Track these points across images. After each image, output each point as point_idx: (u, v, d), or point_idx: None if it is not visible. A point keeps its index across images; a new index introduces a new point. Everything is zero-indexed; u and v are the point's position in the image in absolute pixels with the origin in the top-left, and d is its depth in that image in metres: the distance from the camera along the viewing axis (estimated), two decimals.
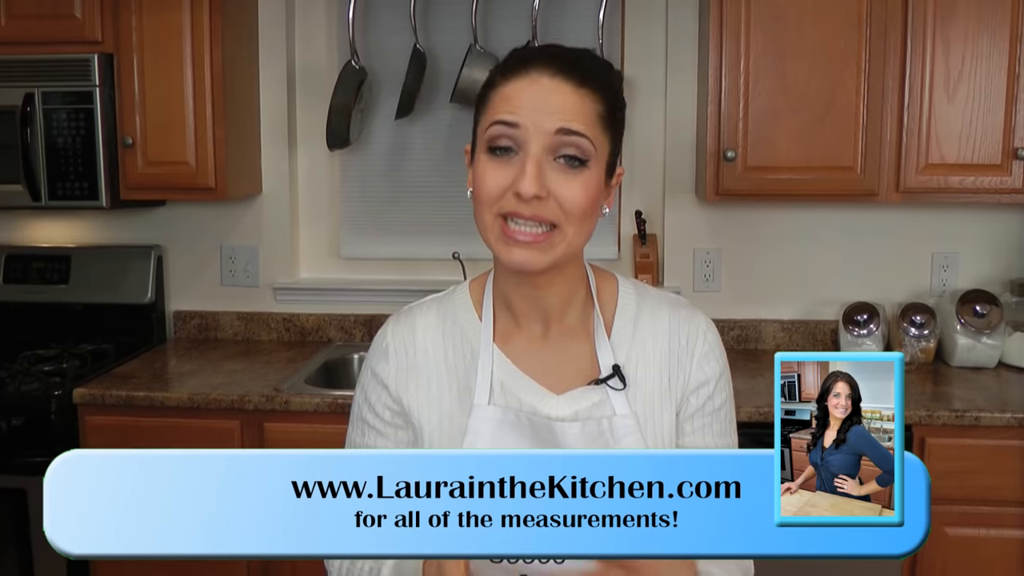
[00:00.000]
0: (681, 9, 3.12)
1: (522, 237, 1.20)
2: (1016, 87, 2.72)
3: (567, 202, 1.20)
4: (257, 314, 3.37)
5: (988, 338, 2.91)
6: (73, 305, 3.25)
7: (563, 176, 1.20)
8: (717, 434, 1.36)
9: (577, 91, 1.21)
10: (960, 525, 2.55)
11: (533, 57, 1.24)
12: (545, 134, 1.19)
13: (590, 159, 1.21)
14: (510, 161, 1.20)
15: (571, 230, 1.21)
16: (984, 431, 2.51)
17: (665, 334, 1.35)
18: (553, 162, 1.20)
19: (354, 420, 1.43)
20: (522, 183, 1.17)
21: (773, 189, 2.83)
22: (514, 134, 1.19)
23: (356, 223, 3.37)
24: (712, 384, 1.35)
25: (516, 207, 1.19)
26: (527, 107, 1.19)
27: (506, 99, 1.21)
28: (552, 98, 1.20)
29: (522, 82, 1.21)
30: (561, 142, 1.19)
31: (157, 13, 2.86)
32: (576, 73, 1.22)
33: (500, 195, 1.20)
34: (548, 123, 1.19)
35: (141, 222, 3.35)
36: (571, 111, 1.20)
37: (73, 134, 2.86)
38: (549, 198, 1.19)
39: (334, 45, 3.28)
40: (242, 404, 2.65)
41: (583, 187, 1.21)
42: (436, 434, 1.33)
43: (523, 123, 1.19)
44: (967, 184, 2.77)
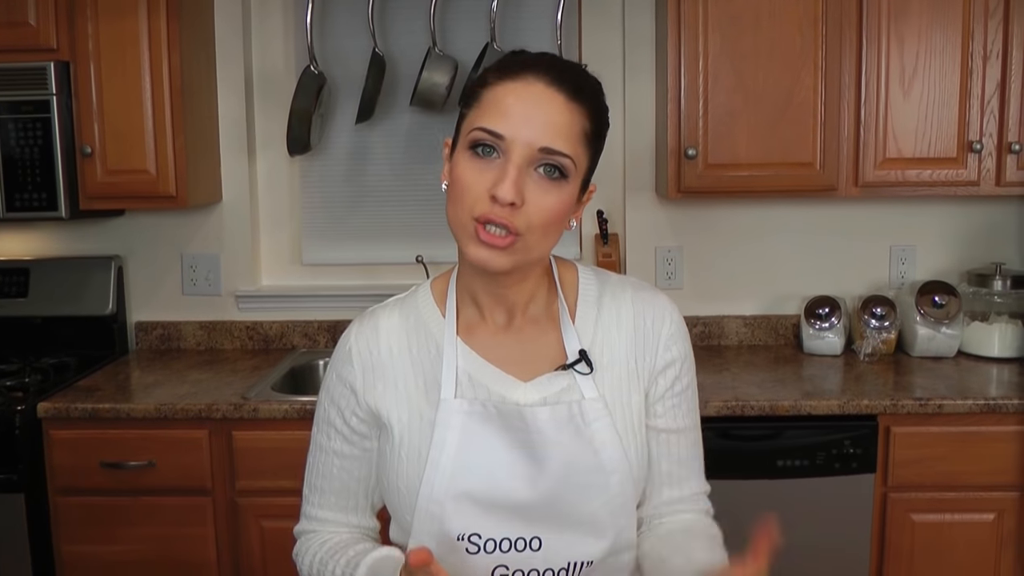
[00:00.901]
0: (638, 10, 3.15)
1: (487, 239, 1.21)
2: (969, 82, 2.78)
3: (538, 213, 1.22)
4: (220, 323, 3.33)
5: (947, 328, 2.97)
6: (33, 318, 3.19)
7: (540, 188, 1.22)
8: (685, 413, 1.40)
9: (568, 104, 1.23)
10: (926, 511, 2.60)
11: (531, 62, 1.25)
12: (528, 148, 1.21)
13: (569, 175, 1.24)
14: (491, 163, 1.22)
15: (533, 239, 1.23)
16: (947, 418, 2.57)
17: (630, 316, 1.38)
18: (533, 171, 1.22)
19: (319, 423, 1.43)
20: (500, 188, 1.19)
21: (734, 186, 2.86)
22: (498, 143, 1.21)
23: (317, 229, 3.35)
24: (679, 364, 1.39)
25: (490, 211, 1.20)
26: (516, 115, 1.21)
27: (496, 102, 1.23)
28: (542, 109, 1.21)
29: (516, 84, 1.23)
30: (543, 158, 1.21)
31: (113, 20, 2.82)
32: (569, 85, 1.23)
33: (477, 195, 1.21)
34: (534, 138, 1.20)
35: (100, 232, 3.30)
36: (557, 127, 1.22)
37: (30, 144, 2.81)
38: (523, 207, 1.21)
39: (291, 50, 3.26)
40: (210, 413, 2.62)
41: (557, 201, 1.23)
42: (406, 431, 1.33)
43: (508, 135, 1.21)
44: (924, 177, 2.83)
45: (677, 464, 1.39)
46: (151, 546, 2.67)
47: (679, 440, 1.39)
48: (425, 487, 1.29)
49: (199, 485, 2.66)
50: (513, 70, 1.24)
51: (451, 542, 1.30)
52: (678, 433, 1.39)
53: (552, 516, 1.29)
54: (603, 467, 1.29)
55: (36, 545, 2.64)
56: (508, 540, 1.30)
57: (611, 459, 1.30)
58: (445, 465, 1.29)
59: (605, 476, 1.30)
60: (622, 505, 1.32)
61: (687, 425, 1.40)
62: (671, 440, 1.38)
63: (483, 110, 1.23)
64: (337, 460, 1.40)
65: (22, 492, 2.60)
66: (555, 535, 1.30)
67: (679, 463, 1.40)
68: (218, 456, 2.65)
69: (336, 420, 1.39)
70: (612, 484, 1.30)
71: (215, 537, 2.68)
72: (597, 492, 1.30)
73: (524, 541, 1.30)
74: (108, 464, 2.63)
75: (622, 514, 1.32)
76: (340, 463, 1.40)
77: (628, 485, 1.31)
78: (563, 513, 1.30)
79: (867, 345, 2.98)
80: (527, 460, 1.29)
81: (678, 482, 1.40)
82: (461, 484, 1.28)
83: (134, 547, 2.67)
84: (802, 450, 2.59)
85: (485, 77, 1.27)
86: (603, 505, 1.30)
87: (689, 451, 1.41)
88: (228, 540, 2.68)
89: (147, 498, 2.66)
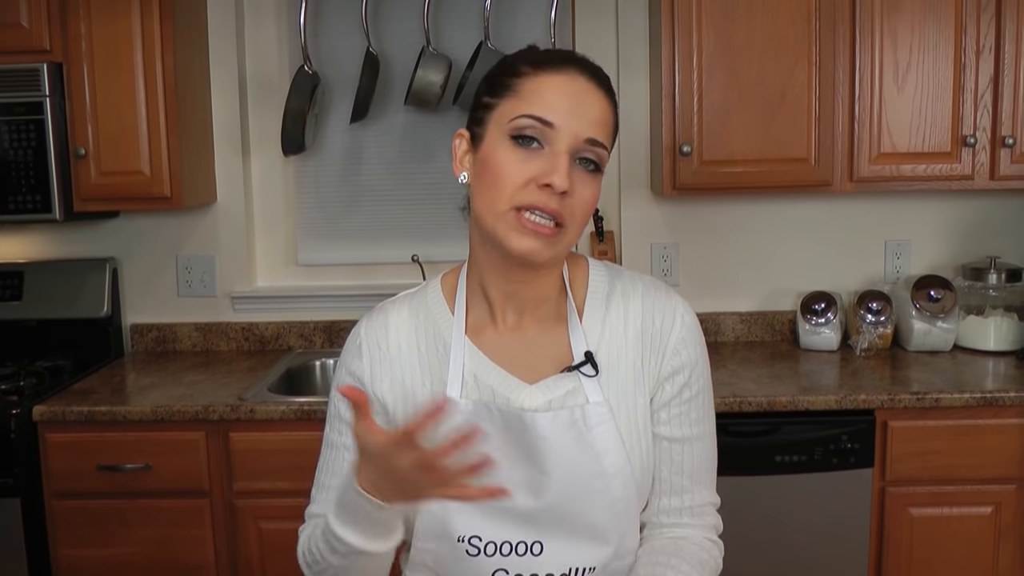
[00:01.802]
0: (631, 7, 3.15)
1: (534, 228, 1.21)
2: (963, 76, 2.79)
3: (581, 204, 1.23)
4: (215, 324, 3.33)
5: (943, 322, 2.97)
6: (27, 321, 3.18)
7: (581, 180, 1.23)
8: (693, 422, 1.36)
9: (605, 99, 1.26)
10: (925, 505, 2.60)
11: (568, 56, 1.27)
12: (576, 138, 1.22)
13: (602, 168, 1.26)
14: (535, 154, 1.22)
15: (572, 231, 1.24)
16: (944, 412, 2.57)
17: (638, 314, 1.35)
18: (574, 165, 1.23)
19: (330, 420, 1.42)
20: (555, 177, 1.19)
21: (729, 182, 2.86)
22: (546, 131, 1.22)
23: (313, 229, 3.35)
24: (688, 371, 1.35)
25: (539, 199, 1.20)
26: (563, 108, 1.22)
27: (540, 93, 1.23)
28: (588, 101, 1.24)
29: (559, 78, 1.24)
30: (586, 149, 1.23)
31: (106, 21, 2.81)
32: (606, 83, 1.28)
33: (523, 185, 1.21)
34: (582, 130, 1.22)
35: (94, 234, 3.29)
36: (600, 120, 1.24)
37: (24, 146, 2.80)
38: (572, 197, 1.21)
39: (285, 50, 3.26)
40: (207, 415, 2.62)
41: (594, 193, 1.25)
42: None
43: (558, 124, 1.21)
44: (918, 172, 2.83)
45: (679, 474, 1.35)
46: (149, 549, 2.66)
47: (683, 450, 1.35)
48: None
49: (196, 487, 2.66)
50: (553, 63, 1.25)
51: (452, 543, 1.29)
52: (682, 443, 1.35)
53: (554, 521, 1.29)
54: (605, 472, 1.28)
55: (33, 549, 2.63)
56: (509, 544, 1.29)
57: (613, 464, 1.28)
58: None
59: (607, 481, 1.28)
60: (625, 510, 1.30)
61: (695, 434, 1.36)
62: (674, 449, 1.35)
63: (525, 99, 1.23)
64: (348, 454, 1.38)
65: (18, 496, 2.59)
66: (557, 540, 1.29)
67: (682, 473, 1.35)
68: (215, 458, 2.65)
69: (346, 413, 1.38)
70: (614, 489, 1.28)
71: (213, 539, 2.67)
72: (599, 497, 1.28)
73: (525, 545, 1.29)
74: (105, 467, 2.62)
75: (625, 519, 1.31)
76: (350, 457, 1.37)
77: (631, 490, 1.30)
78: (565, 518, 1.29)
79: (863, 340, 2.99)
80: (529, 465, 1.28)
81: (679, 492, 1.36)
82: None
83: (132, 550, 2.66)
84: (800, 445, 2.59)
85: (516, 67, 1.27)
86: (605, 510, 1.29)
87: (695, 462, 1.36)
88: (226, 542, 2.68)
89: (144, 501, 2.65)
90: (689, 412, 1.35)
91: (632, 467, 1.30)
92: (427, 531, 1.30)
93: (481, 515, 1.28)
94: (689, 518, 1.36)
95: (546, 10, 3.06)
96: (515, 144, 1.22)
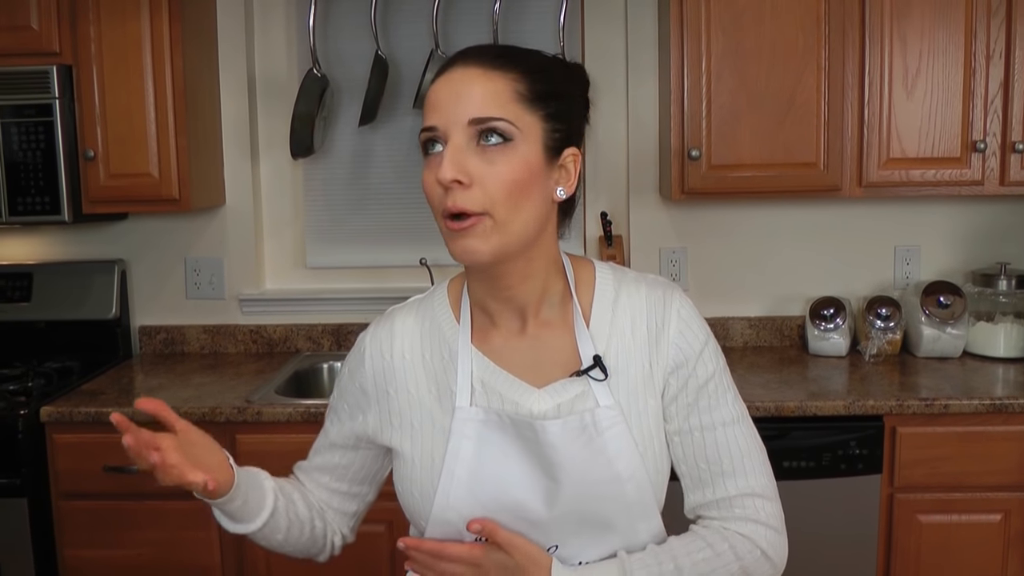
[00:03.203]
0: (640, 11, 3.15)
1: (457, 228, 1.20)
2: (972, 81, 2.77)
3: (494, 183, 1.19)
4: (223, 326, 3.33)
5: (952, 328, 2.96)
6: (36, 323, 3.19)
7: (484, 159, 1.20)
8: (703, 411, 1.31)
9: (487, 74, 1.21)
10: (933, 512, 2.59)
11: (454, 56, 1.27)
12: (459, 126, 1.20)
13: (514, 136, 1.20)
14: (437, 157, 1.22)
15: (502, 214, 1.20)
16: (953, 418, 2.55)
17: (643, 316, 1.32)
18: (475, 147, 1.20)
19: (331, 405, 1.48)
20: (440, 171, 1.18)
21: (737, 187, 2.86)
22: (436, 136, 1.21)
23: (321, 232, 3.35)
24: (692, 363, 1.31)
25: (444, 202, 1.20)
26: (441, 106, 1.21)
27: (429, 105, 1.24)
28: (462, 89, 1.21)
29: (442, 80, 1.24)
30: (477, 131, 1.20)
31: (116, 23, 2.82)
32: (486, 58, 1.24)
33: (434, 192, 1.21)
34: (460, 115, 1.20)
35: (103, 236, 3.30)
36: (481, 97, 1.20)
37: (33, 148, 2.81)
38: (473, 185, 1.19)
39: (294, 53, 3.26)
40: (213, 416, 2.62)
41: (508, 167, 1.20)
42: (419, 437, 1.32)
43: (439, 124, 1.21)
44: (928, 177, 2.82)
45: (695, 467, 1.31)
46: (155, 550, 2.66)
47: (693, 441, 1.31)
48: (440, 496, 1.28)
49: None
50: (444, 69, 1.25)
51: None
52: (691, 433, 1.31)
53: (569, 526, 1.28)
54: (619, 476, 1.26)
55: (39, 550, 2.64)
56: None
57: (627, 467, 1.26)
58: (460, 475, 1.28)
59: (621, 485, 1.26)
60: (641, 512, 1.28)
61: (704, 424, 1.32)
62: (685, 442, 1.31)
63: (424, 116, 1.24)
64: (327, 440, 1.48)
65: (25, 497, 2.60)
66: (572, 540, 1.29)
67: (697, 466, 1.31)
68: None
69: (341, 412, 1.44)
70: (628, 492, 1.27)
71: (219, 541, 2.67)
72: (613, 501, 1.27)
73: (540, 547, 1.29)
74: (111, 468, 2.62)
75: (640, 518, 1.29)
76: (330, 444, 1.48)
77: (646, 491, 1.28)
78: (580, 523, 1.28)
79: (872, 346, 2.97)
80: (541, 472, 1.27)
81: (700, 486, 1.32)
82: (476, 494, 1.27)
83: (138, 551, 2.66)
84: (808, 451, 2.58)
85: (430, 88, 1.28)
86: (620, 513, 1.28)
87: (713, 452, 1.31)
88: (232, 544, 2.68)
89: (151, 502, 2.65)
90: (698, 402, 1.31)
91: (647, 468, 1.28)
92: (440, 537, 1.30)
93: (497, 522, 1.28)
94: (716, 511, 1.32)
95: (555, 14, 3.06)
96: (426, 158, 1.24)
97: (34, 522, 2.61)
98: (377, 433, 1.38)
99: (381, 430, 1.37)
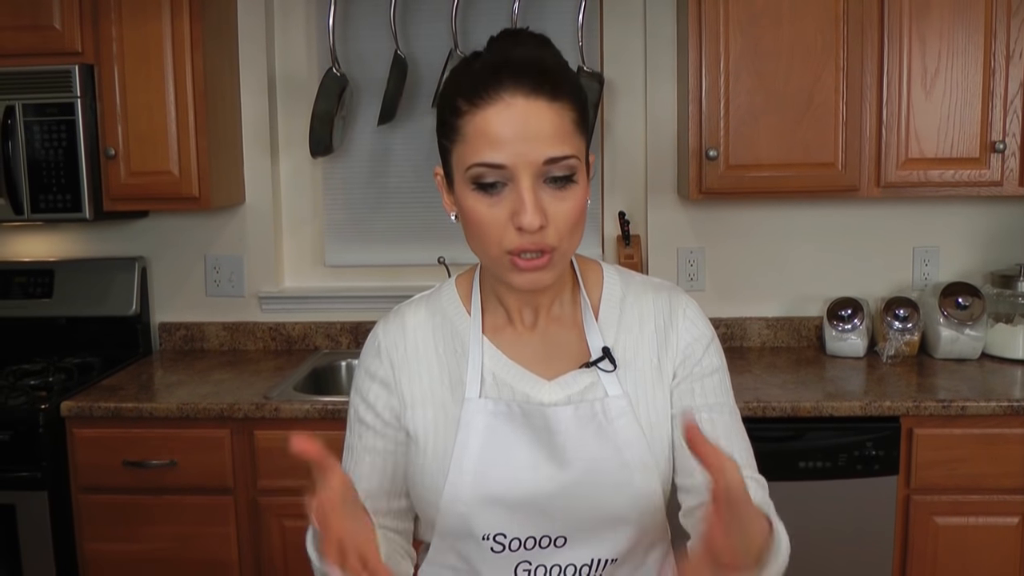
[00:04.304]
0: (659, 10, 3.15)
1: (528, 266, 1.21)
2: (992, 81, 2.76)
3: (564, 222, 1.20)
4: (243, 324, 3.35)
5: (971, 330, 2.94)
6: (57, 319, 3.23)
7: (556, 198, 1.20)
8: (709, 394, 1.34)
9: (552, 106, 1.19)
10: (950, 514, 2.57)
11: (496, 79, 1.19)
12: (533, 165, 1.18)
13: (577, 173, 1.21)
14: (501, 195, 1.20)
15: (565, 246, 1.22)
16: (970, 420, 2.54)
17: (651, 316, 1.37)
18: (544, 186, 1.20)
19: (351, 424, 1.41)
20: (524, 218, 1.17)
21: (755, 187, 2.85)
22: (501, 173, 1.19)
23: (340, 230, 3.37)
24: (700, 352, 1.35)
25: (521, 242, 1.19)
26: (509, 140, 1.17)
27: (483, 134, 1.18)
28: (532, 123, 1.18)
29: (495, 109, 1.18)
30: (549, 170, 1.19)
31: (137, 23, 2.85)
32: (547, 86, 1.19)
33: (502, 230, 1.20)
34: (534, 154, 1.17)
35: (124, 234, 3.33)
36: (552, 134, 1.18)
37: (55, 146, 2.84)
38: (549, 225, 1.19)
39: (314, 52, 3.28)
40: (232, 412, 2.64)
41: (574, 204, 1.21)
42: (431, 428, 1.33)
43: (509, 163, 1.17)
44: (946, 178, 2.81)
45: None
46: (173, 544, 2.69)
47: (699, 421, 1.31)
48: (449, 488, 1.29)
49: (221, 484, 2.68)
50: (487, 93, 1.19)
51: (476, 541, 1.30)
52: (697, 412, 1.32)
53: (578, 515, 1.29)
54: (627, 465, 1.28)
55: (59, 542, 2.67)
56: (533, 539, 1.30)
57: (635, 457, 1.28)
58: (469, 467, 1.28)
59: (629, 473, 1.28)
60: (648, 503, 1.30)
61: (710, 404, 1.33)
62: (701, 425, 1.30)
63: (471, 145, 1.19)
64: (368, 457, 1.37)
65: (46, 490, 2.63)
66: (581, 532, 1.30)
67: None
68: (240, 455, 2.67)
69: (367, 416, 1.38)
70: (636, 482, 1.28)
71: (237, 536, 2.69)
72: (621, 490, 1.28)
73: (549, 539, 1.30)
74: (131, 463, 2.66)
75: (648, 511, 1.30)
76: (371, 460, 1.37)
77: (654, 482, 1.30)
78: (589, 512, 1.29)
79: (890, 347, 2.96)
80: (551, 461, 1.28)
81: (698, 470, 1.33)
82: (485, 486, 1.28)
83: (156, 545, 2.69)
84: (824, 452, 2.57)
85: (456, 105, 1.22)
86: (628, 502, 1.29)
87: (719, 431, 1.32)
88: (250, 539, 2.70)
89: (169, 497, 2.68)
90: (704, 388, 1.34)
91: (655, 459, 1.30)
92: (450, 531, 1.31)
93: (505, 513, 1.28)
94: None
95: (574, 14, 3.07)
96: (479, 192, 1.20)
97: (55, 515, 2.65)
98: (401, 417, 1.36)
99: (404, 414, 1.36)
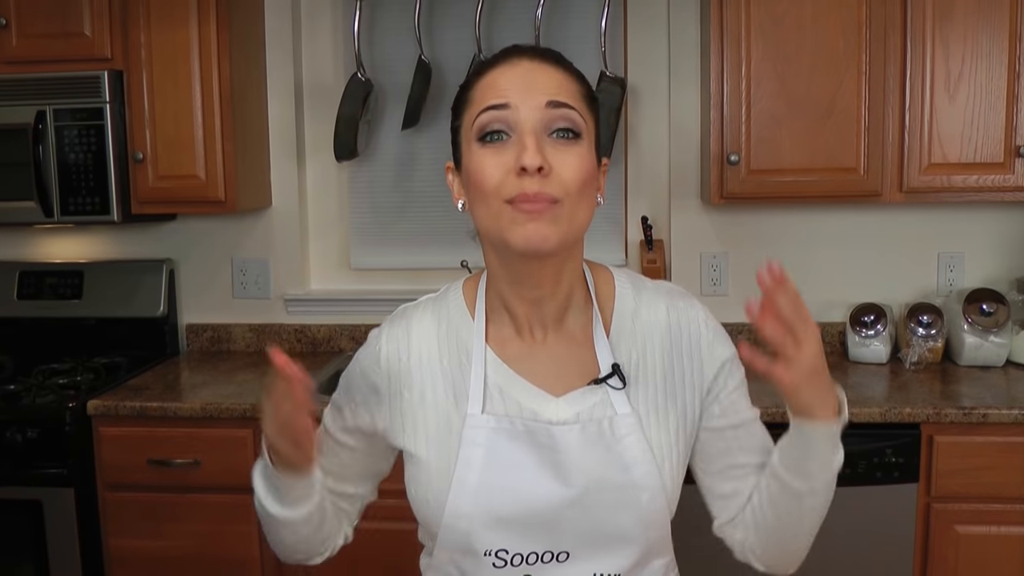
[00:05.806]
0: (682, 15, 3.15)
1: (531, 209, 1.18)
2: (1016, 85, 2.73)
3: (568, 173, 1.20)
4: (269, 326, 3.40)
5: (995, 336, 2.91)
6: (86, 319, 3.29)
7: (559, 151, 1.20)
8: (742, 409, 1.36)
9: (558, 70, 1.25)
10: (970, 523, 2.55)
11: (509, 50, 1.28)
12: (536, 108, 1.20)
13: (582, 133, 1.22)
14: (505, 145, 1.20)
15: (571, 204, 1.20)
16: (992, 428, 2.52)
17: (665, 328, 1.34)
18: (548, 138, 1.21)
19: (332, 401, 1.45)
20: (525, 157, 1.17)
21: (777, 192, 2.84)
22: (505, 116, 1.20)
23: (365, 234, 3.40)
24: (729, 365, 1.35)
25: (521, 187, 1.18)
26: (513, 87, 1.21)
27: (490, 86, 1.23)
28: (537, 75, 1.23)
29: (503, 67, 1.24)
30: (552, 116, 1.21)
31: (165, 30, 2.90)
32: (552, 57, 1.26)
33: (503, 180, 1.19)
34: (537, 97, 1.21)
35: (152, 236, 3.39)
36: (557, 85, 1.23)
37: (84, 150, 2.90)
38: (551, 173, 1.19)
39: (340, 58, 3.32)
40: (255, 413, 2.65)
41: (579, 160, 1.21)
42: (434, 442, 1.32)
43: (512, 102, 1.20)
44: (970, 183, 2.78)
45: (751, 453, 1.35)
46: (196, 542, 2.73)
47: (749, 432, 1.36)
48: (451, 504, 1.27)
49: (243, 483, 2.66)
50: (497, 58, 1.27)
51: (478, 557, 1.29)
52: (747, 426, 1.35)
53: (582, 532, 1.27)
54: (634, 484, 1.26)
55: (85, 538, 2.72)
56: (535, 554, 1.28)
57: (643, 475, 1.27)
58: (471, 483, 1.27)
59: (636, 493, 1.26)
60: (654, 522, 1.29)
61: (751, 417, 1.37)
62: (740, 433, 1.35)
63: (479, 99, 1.23)
64: (330, 441, 1.43)
65: (72, 487, 2.68)
66: (583, 548, 1.28)
67: (752, 452, 1.35)
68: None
69: (345, 408, 1.40)
70: (643, 501, 1.27)
71: (259, 534, 2.71)
72: (627, 508, 1.27)
73: (552, 554, 1.28)
74: (155, 461, 2.70)
75: (653, 528, 1.29)
76: (331, 444, 1.43)
77: (660, 501, 1.28)
78: (592, 529, 1.27)
79: (913, 353, 2.94)
80: (555, 479, 1.26)
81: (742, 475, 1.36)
82: (487, 503, 1.26)
83: (180, 543, 2.73)
84: (844, 458, 2.55)
85: (468, 80, 1.29)
86: (633, 521, 1.27)
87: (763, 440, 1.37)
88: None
89: (193, 495, 2.72)
90: (741, 399, 1.36)
91: (663, 478, 1.28)
92: (452, 545, 1.30)
93: (508, 530, 1.27)
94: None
95: (598, 19, 3.07)
96: (485, 145, 1.21)
97: (81, 512, 2.69)
98: (388, 433, 1.37)
99: (393, 431, 1.36)
